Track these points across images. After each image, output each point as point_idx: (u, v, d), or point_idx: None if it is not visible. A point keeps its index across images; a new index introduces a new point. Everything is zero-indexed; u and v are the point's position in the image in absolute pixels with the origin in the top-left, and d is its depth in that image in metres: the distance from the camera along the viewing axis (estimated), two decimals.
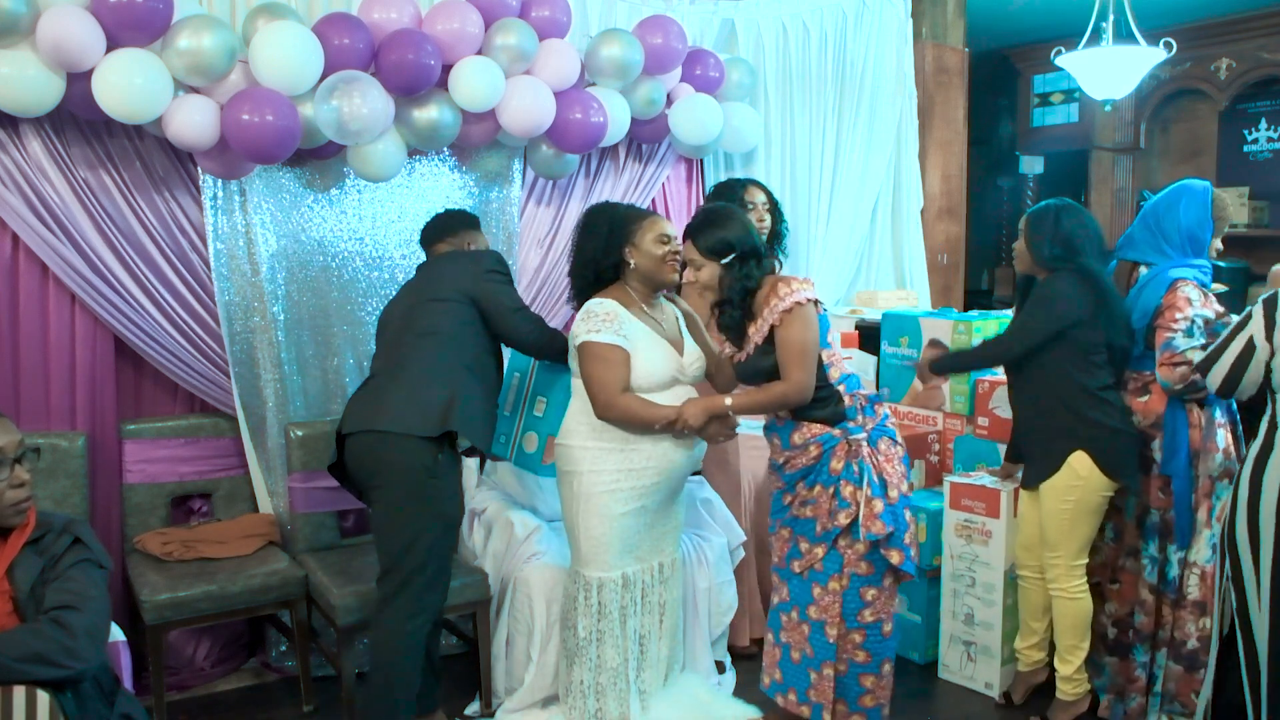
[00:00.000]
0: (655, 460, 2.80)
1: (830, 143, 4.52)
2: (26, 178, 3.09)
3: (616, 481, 2.80)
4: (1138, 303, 3.04)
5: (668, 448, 2.80)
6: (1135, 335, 3.04)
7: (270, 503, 3.51)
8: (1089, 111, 6.56)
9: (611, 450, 2.79)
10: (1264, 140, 6.09)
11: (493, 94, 3.38)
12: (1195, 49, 5.88)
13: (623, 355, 2.72)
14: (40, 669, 1.87)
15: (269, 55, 3.03)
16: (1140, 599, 3.12)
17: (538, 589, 3.18)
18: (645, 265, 2.81)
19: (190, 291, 3.36)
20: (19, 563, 1.99)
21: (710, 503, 3.55)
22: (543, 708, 3.11)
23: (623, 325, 2.74)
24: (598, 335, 2.72)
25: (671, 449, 2.81)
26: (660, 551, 2.95)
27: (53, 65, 2.86)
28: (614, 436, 2.78)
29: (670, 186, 4.23)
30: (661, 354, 2.80)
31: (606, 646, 2.88)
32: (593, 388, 2.73)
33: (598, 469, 2.80)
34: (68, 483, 3.18)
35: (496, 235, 3.81)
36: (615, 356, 2.71)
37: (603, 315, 2.73)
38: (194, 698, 3.41)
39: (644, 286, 2.85)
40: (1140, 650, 3.12)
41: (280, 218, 3.46)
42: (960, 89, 5.03)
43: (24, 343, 3.20)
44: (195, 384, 3.43)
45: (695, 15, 4.17)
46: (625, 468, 2.80)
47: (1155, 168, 6.56)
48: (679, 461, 2.84)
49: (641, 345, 2.77)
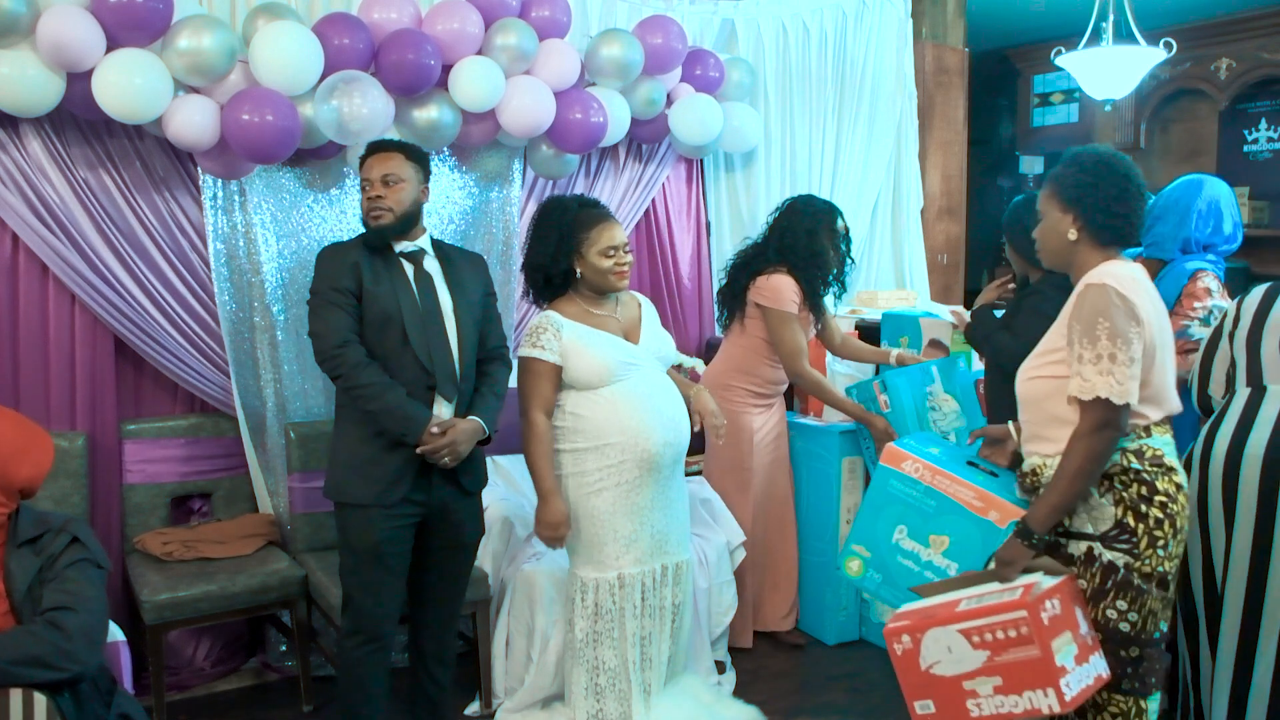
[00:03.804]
0: (629, 452, 2.80)
1: (830, 143, 4.52)
2: (26, 178, 3.09)
3: (600, 480, 2.81)
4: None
5: (638, 437, 2.80)
6: None
7: (270, 503, 3.52)
8: (1089, 111, 6.56)
9: (587, 450, 2.81)
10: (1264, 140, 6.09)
11: (493, 94, 3.38)
12: (1195, 49, 5.88)
13: (546, 369, 2.80)
14: (36, 672, 1.86)
15: (269, 55, 3.03)
16: None
17: (538, 589, 3.18)
18: (591, 277, 2.85)
19: (190, 291, 3.36)
20: (15, 563, 1.97)
21: (710, 503, 3.55)
22: (543, 708, 3.11)
23: (556, 337, 2.79)
24: (523, 350, 2.84)
25: (642, 437, 2.80)
26: (663, 553, 2.93)
27: (53, 65, 2.86)
28: (585, 437, 2.81)
29: (670, 186, 4.23)
30: (605, 345, 2.82)
31: (605, 648, 2.88)
32: (518, 395, 2.86)
33: (580, 470, 2.83)
34: (68, 483, 3.17)
35: (496, 235, 3.82)
36: (537, 369, 2.81)
37: (532, 329, 2.84)
38: (194, 698, 3.41)
39: (592, 293, 2.89)
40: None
41: (280, 218, 3.46)
42: (960, 89, 5.03)
43: (24, 343, 3.20)
44: (195, 384, 3.43)
45: (695, 15, 4.17)
46: (603, 464, 2.81)
47: (1155, 168, 6.55)
48: (655, 449, 2.82)
49: (582, 345, 2.80)
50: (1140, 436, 2.21)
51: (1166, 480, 2.19)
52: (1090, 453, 2.13)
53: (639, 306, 3.00)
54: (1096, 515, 2.20)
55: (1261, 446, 2.39)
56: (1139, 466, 2.18)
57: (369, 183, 2.72)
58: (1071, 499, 2.17)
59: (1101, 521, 2.19)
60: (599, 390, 2.81)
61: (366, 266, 2.67)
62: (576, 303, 2.88)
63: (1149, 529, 2.16)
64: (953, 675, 2.14)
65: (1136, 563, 2.16)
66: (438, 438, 2.63)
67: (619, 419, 2.79)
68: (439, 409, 2.71)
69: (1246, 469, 2.41)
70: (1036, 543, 2.20)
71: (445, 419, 2.70)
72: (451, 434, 2.65)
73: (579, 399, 2.82)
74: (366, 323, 2.67)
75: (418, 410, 2.64)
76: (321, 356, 2.67)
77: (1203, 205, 3.04)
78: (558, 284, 2.88)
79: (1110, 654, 2.17)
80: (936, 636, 2.15)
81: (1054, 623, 2.06)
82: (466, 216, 3.78)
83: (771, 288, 3.53)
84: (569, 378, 2.81)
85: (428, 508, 2.74)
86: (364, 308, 2.67)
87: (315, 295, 2.69)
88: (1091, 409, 2.13)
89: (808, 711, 3.33)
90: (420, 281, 2.74)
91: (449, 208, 3.75)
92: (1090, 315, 2.15)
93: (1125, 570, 2.17)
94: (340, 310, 2.64)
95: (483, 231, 3.81)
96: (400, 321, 2.67)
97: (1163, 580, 2.18)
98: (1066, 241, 2.27)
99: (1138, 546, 2.16)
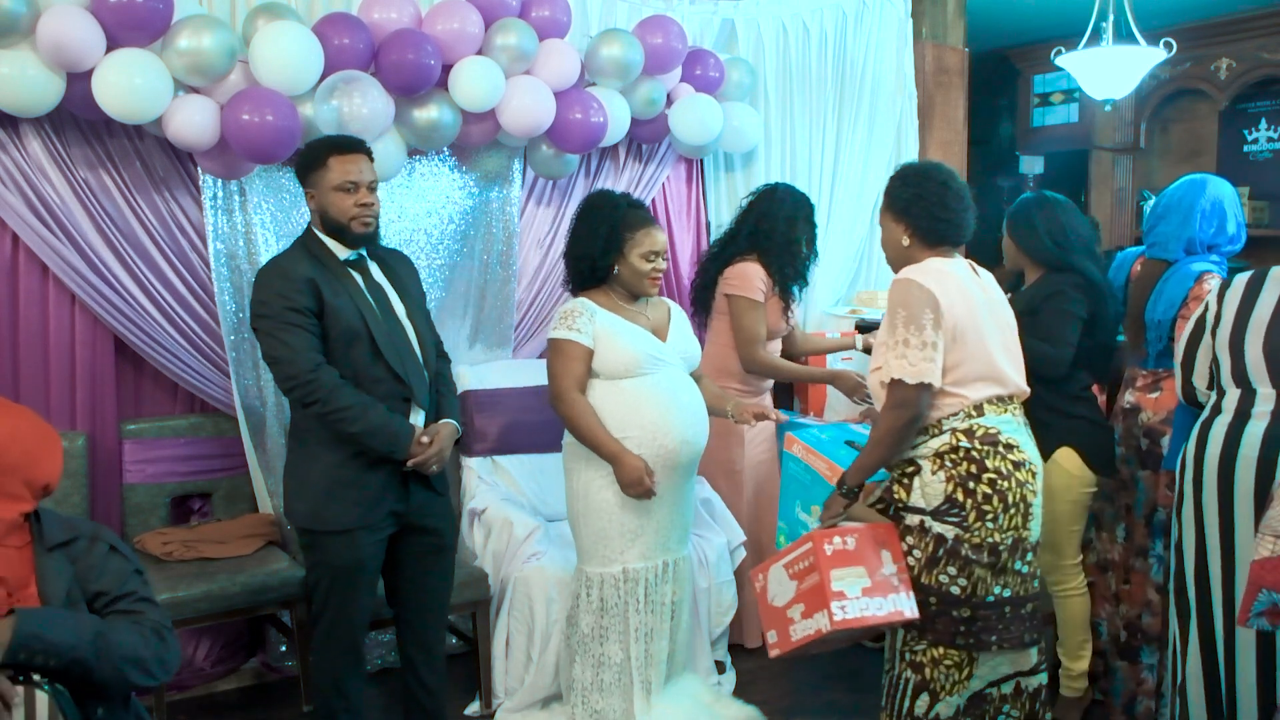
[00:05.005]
0: (647, 447, 2.80)
1: (830, 143, 4.51)
2: (26, 178, 3.09)
3: (613, 474, 2.80)
4: (1161, 296, 3.01)
5: (657, 433, 2.80)
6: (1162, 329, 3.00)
7: (270, 503, 3.51)
8: (1089, 111, 6.56)
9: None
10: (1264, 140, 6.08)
11: (493, 94, 3.38)
12: (1195, 49, 5.87)
13: (580, 350, 2.79)
14: (134, 672, 1.82)
15: (269, 55, 3.03)
16: (1147, 599, 3.10)
17: (538, 589, 3.19)
18: (628, 277, 2.87)
19: (190, 291, 3.36)
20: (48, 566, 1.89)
21: (710, 503, 3.56)
22: (543, 708, 3.12)
23: (590, 320, 2.80)
24: (556, 332, 2.83)
25: (662, 435, 2.81)
26: (665, 549, 2.94)
27: (53, 65, 2.86)
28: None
29: (670, 186, 4.23)
30: (635, 337, 2.84)
31: (611, 643, 2.89)
32: (549, 378, 2.84)
33: (595, 460, 2.82)
34: (68, 483, 3.17)
35: (496, 235, 3.82)
36: (571, 351, 2.80)
37: (565, 312, 2.84)
38: (194, 698, 3.41)
39: (625, 291, 2.90)
40: (1146, 652, 3.11)
41: (280, 218, 3.45)
42: (960, 89, 5.03)
43: (24, 343, 3.20)
44: (195, 384, 3.43)
45: (695, 15, 4.16)
46: None
47: (1155, 168, 6.55)
48: (673, 446, 2.83)
49: (613, 333, 2.81)
50: (971, 415, 2.44)
51: (999, 458, 2.42)
52: (889, 426, 2.42)
53: (669, 310, 3.02)
54: (929, 492, 2.44)
55: (1255, 447, 2.39)
56: (968, 445, 2.41)
57: (357, 186, 2.60)
58: (875, 463, 2.49)
59: (933, 497, 2.43)
60: (623, 382, 2.81)
61: (322, 281, 2.55)
62: (609, 296, 2.90)
63: (977, 504, 2.40)
64: (781, 605, 2.51)
65: (966, 534, 2.41)
66: (427, 448, 2.61)
67: (640, 413, 2.80)
68: (413, 418, 2.67)
69: (1241, 469, 2.40)
70: (846, 493, 2.53)
71: (429, 428, 2.67)
72: (437, 441, 2.64)
73: (603, 390, 2.82)
74: (331, 340, 2.54)
75: (401, 424, 2.59)
76: (290, 383, 2.51)
77: (1206, 205, 3.03)
78: (600, 276, 2.89)
79: (944, 614, 2.44)
80: (774, 573, 2.54)
81: (840, 556, 2.39)
82: (466, 216, 3.78)
83: (739, 274, 3.58)
84: (597, 364, 2.82)
85: (406, 517, 2.71)
86: (326, 325, 2.53)
87: (266, 318, 2.51)
88: (891, 389, 2.41)
89: (808, 711, 3.33)
90: (373, 290, 2.65)
91: (449, 208, 3.75)
92: (892, 306, 2.43)
93: (954, 541, 2.41)
94: (302, 330, 2.49)
95: (483, 231, 3.81)
96: (368, 336, 2.57)
97: (993, 550, 2.41)
98: (902, 247, 2.56)
99: (966, 520, 2.40)
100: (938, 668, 2.48)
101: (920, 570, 2.45)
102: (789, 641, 2.48)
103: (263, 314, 2.53)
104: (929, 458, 2.44)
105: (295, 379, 2.51)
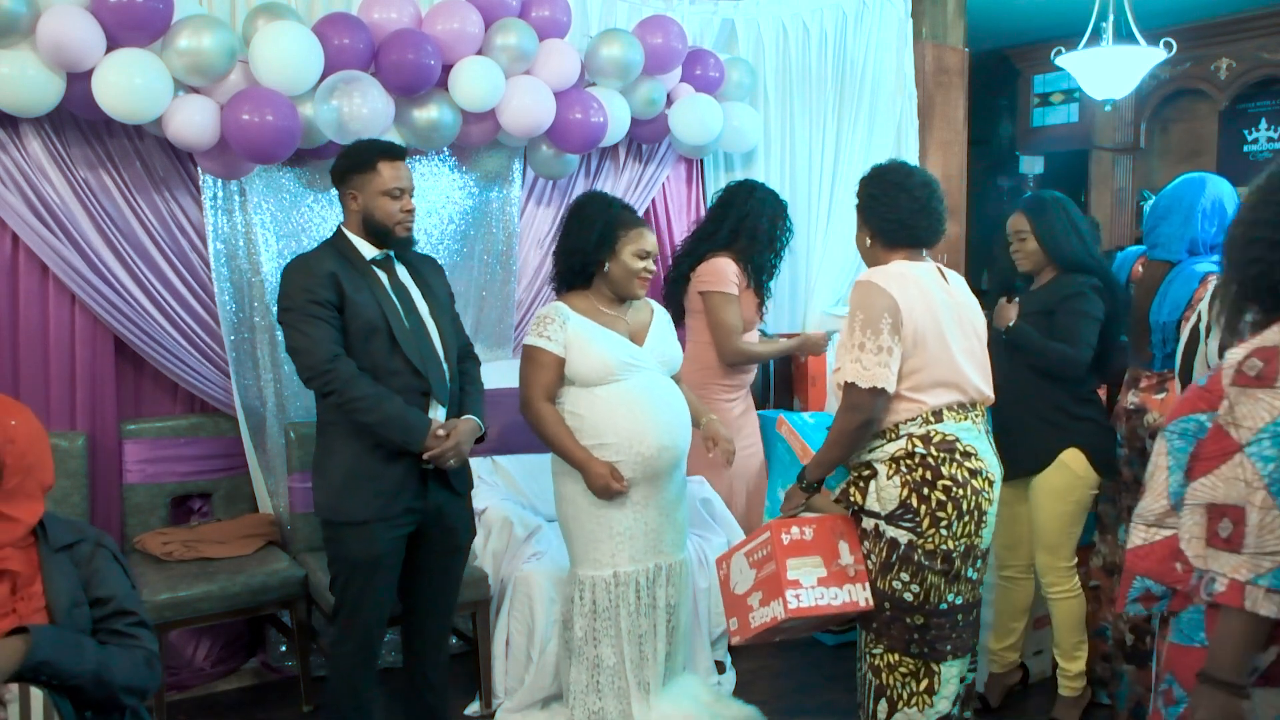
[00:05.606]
0: (624, 454, 2.79)
1: (830, 143, 4.52)
2: (26, 178, 3.09)
3: None
4: (1166, 298, 2.98)
5: (633, 439, 2.80)
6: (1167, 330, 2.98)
7: (270, 503, 3.52)
8: (1089, 111, 6.56)
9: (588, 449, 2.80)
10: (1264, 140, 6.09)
11: (493, 94, 3.38)
12: (1195, 49, 5.88)
13: (549, 358, 2.80)
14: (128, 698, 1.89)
15: (269, 55, 3.03)
16: None
17: (538, 589, 3.19)
18: (618, 276, 2.86)
19: (190, 291, 3.36)
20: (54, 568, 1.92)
21: (710, 503, 3.56)
22: (543, 708, 3.12)
23: (561, 328, 2.80)
24: (528, 338, 2.85)
25: (638, 441, 2.80)
26: (658, 553, 2.93)
27: (53, 65, 2.86)
28: (582, 436, 2.80)
29: (670, 187, 4.23)
30: (609, 343, 2.82)
31: (604, 646, 2.89)
32: (519, 385, 2.86)
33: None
34: (68, 483, 3.17)
35: (496, 235, 3.82)
36: (540, 358, 2.81)
37: (539, 317, 2.85)
38: (194, 698, 3.41)
39: (610, 292, 2.89)
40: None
41: (280, 218, 3.46)
42: (960, 89, 5.03)
43: (24, 343, 3.20)
44: (195, 384, 3.43)
45: (695, 15, 4.17)
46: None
47: (1155, 168, 6.56)
48: (649, 453, 2.81)
49: (586, 339, 2.80)
50: (929, 422, 2.42)
51: (955, 465, 2.39)
52: (842, 428, 2.43)
53: (651, 312, 3.00)
54: (884, 496, 2.42)
55: None
56: (924, 451, 2.39)
57: (403, 192, 2.66)
58: (831, 461, 2.51)
59: (888, 502, 2.41)
60: (597, 389, 2.81)
61: (345, 277, 2.60)
62: (589, 299, 2.89)
63: (931, 510, 2.38)
64: (741, 593, 2.55)
65: (920, 540, 2.39)
66: (443, 440, 2.61)
67: (615, 420, 2.79)
68: (434, 413, 2.69)
69: None
70: (805, 486, 2.55)
71: (446, 421, 2.69)
72: (455, 435, 2.64)
73: (578, 396, 2.82)
74: (351, 334, 2.60)
75: (417, 417, 2.61)
76: (309, 373, 2.56)
77: (1206, 204, 3.02)
78: (589, 273, 2.88)
79: (898, 620, 2.44)
80: (735, 562, 2.59)
81: (796, 545, 2.44)
82: (466, 216, 3.78)
83: (713, 270, 3.63)
84: (570, 371, 2.81)
85: (424, 515, 2.72)
86: (347, 318, 2.59)
87: (290, 310, 2.57)
88: (846, 391, 2.41)
89: (808, 711, 3.33)
90: (397, 289, 2.69)
91: (449, 208, 3.75)
92: (852, 309, 2.43)
93: (908, 547, 2.40)
94: (323, 323, 2.55)
95: (483, 231, 3.81)
96: (387, 330, 2.61)
97: (946, 557, 2.40)
98: (866, 248, 2.58)
99: (920, 526, 2.39)
100: (893, 674, 2.46)
101: (875, 575, 2.45)
102: (748, 629, 2.50)
103: (287, 306, 2.59)
104: (885, 462, 2.42)
105: (314, 369, 2.56)
